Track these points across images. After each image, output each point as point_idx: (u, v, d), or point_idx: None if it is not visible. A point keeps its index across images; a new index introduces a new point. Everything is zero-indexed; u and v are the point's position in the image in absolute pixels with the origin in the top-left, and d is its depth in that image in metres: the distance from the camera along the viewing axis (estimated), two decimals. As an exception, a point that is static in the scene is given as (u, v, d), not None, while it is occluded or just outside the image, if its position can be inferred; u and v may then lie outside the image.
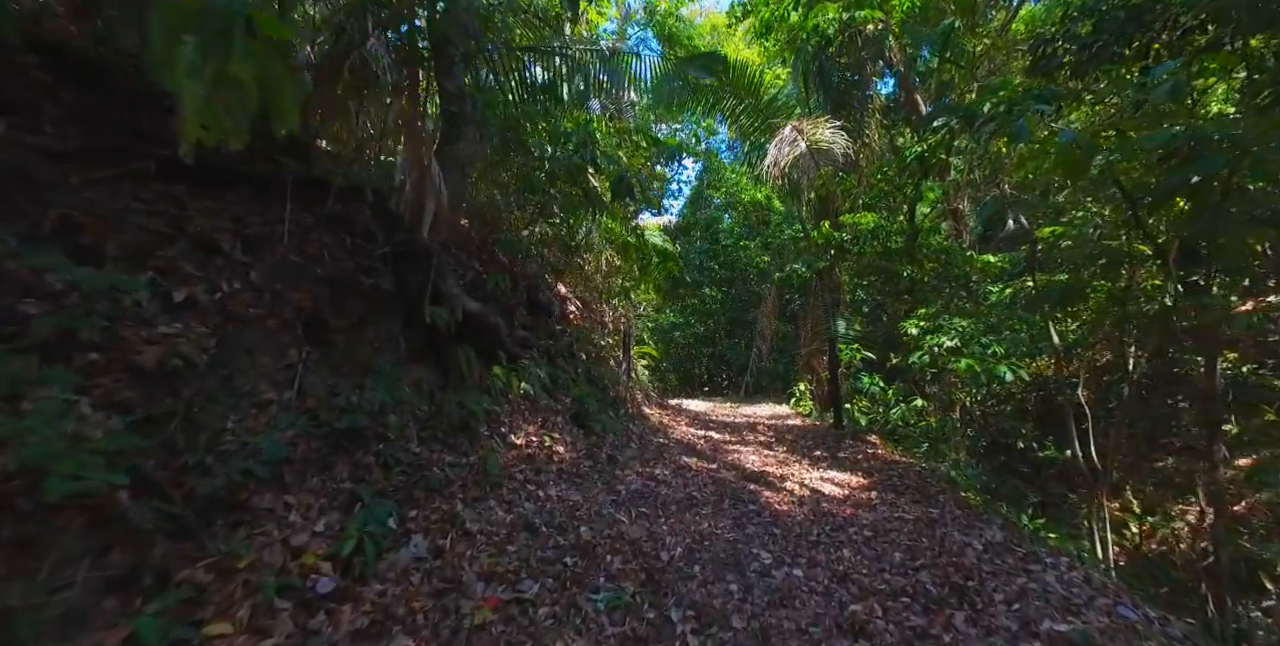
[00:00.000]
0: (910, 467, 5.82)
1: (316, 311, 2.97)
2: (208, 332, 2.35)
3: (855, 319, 13.34)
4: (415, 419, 3.45)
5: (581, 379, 6.44)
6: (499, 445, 4.11)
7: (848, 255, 8.47)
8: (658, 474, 4.81)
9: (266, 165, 3.08)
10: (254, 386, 2.46)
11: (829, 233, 8.45)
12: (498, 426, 4.31)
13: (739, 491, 4.58)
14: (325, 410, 2.72)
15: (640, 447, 5.74)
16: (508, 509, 3.37)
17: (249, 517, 2.09)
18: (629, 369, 8.25)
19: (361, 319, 3.42)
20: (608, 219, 7.97)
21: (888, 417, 9.60)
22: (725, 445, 6.69)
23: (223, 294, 2.53)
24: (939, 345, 7.76)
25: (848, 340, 10.71)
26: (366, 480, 2.71)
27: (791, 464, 5.89)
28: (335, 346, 3.12)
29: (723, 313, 18.06)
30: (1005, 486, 10.13)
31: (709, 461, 5.61)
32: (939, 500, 4.69)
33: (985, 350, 7.28)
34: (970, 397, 10.18)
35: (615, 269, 9.20)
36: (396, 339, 3.67)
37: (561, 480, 4.17)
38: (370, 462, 2.80)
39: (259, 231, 2.88)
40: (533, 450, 4.37)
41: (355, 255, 3.37)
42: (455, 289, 4.02)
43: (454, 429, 3.76)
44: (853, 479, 5.29)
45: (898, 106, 14.09)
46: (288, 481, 2.34)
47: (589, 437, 5.26)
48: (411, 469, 3.06)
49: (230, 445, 2.18)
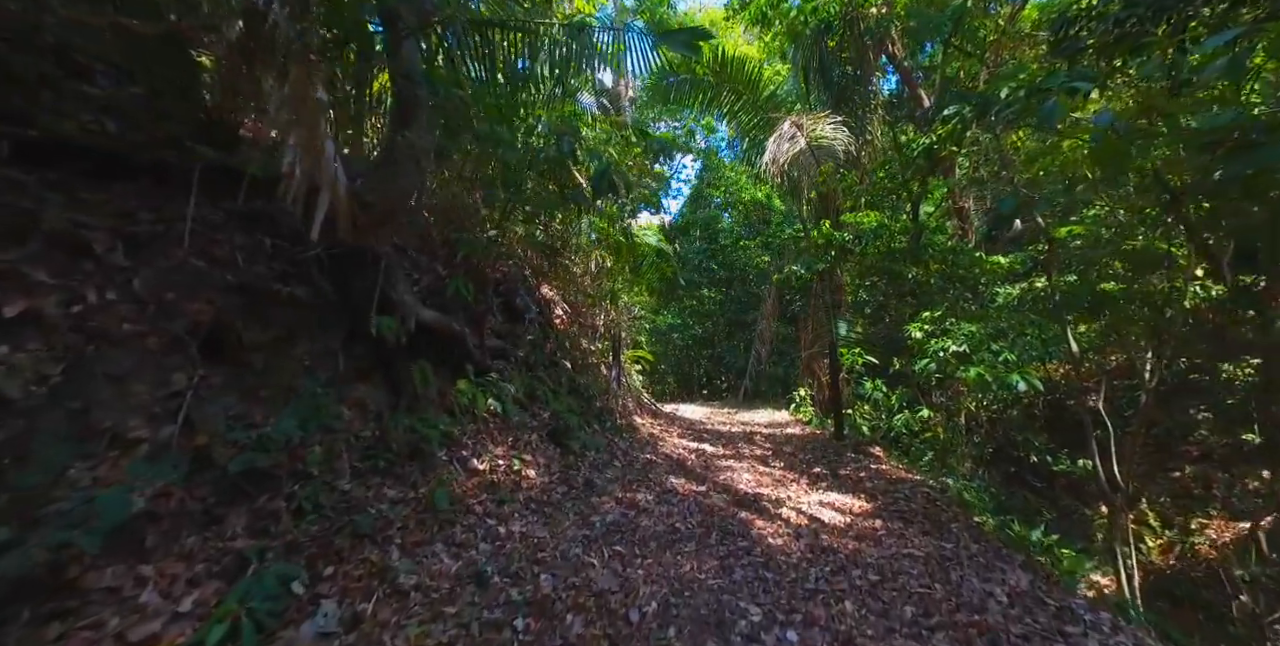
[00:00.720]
0: (918, 487, 5.32)
1: (222, 326, 2.48)
2: (51, 356, 1.86)
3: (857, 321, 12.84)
4: (352, 448, 2.96)
5: (564, 390, 5.95)
6: (458, 472, 3.63)
7: (849, 256, 7.96)
8: (640, 500, 4.32)
9: (173, 152, 2.60)
10: (118, 422, 1.98)
11: (829, 232, 7.95)
12: (459, 450, 3.82)
13: (729, 521, 4.08)
14: (221, 447, 2.23)
15: (624, 466, 5.25)
16: (456, 553, 2.89)
17: (75, 604, 1.60)
18: (619, 376, 7.75)
19: (290, 333, 2.93)
20: (597, 218, 7.48)
21: (890, 425, 9.12)
22: (718, 461, 6.19)
23: (86, 306, 2.05)
24: (944, 349, 7.28)
25: (849, 343, 10.21)
26: (270, 533, 2.22)
27: (789, 483, 5.39)
28: (249, 367, 2.63)
29: (721, 314, 17.55)
30: (1015, 498, 9.64)
31: (698, 482, 5.12)
32: (951, 530, 4.19)
33: (996, 357, 6.80)
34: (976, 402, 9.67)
35: (606, 270, 8.71)
36: (335, 355, 3.19)
37: (528, 511, 3.68)
38: (278, 509, 2.31)
39: (149, 230, 2.39)
40: (498, 476, 3.88)
41: (278, 258, 2.88)
42: (408, 296, 3.53)
43: (403, 457, 3.28)
44: (855, 503, 4.79)
45: (900, 102, 13.60)
46: (149, 546, 1.85)
47: (566, 457, 4.77)
48: (337, 512, 2.57)
49: (64, 504, 1.70)
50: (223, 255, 2.59)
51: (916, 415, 7.52)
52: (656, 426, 7.93)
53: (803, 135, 9.97)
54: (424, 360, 3.72)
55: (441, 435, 3.65)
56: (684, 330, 16.91)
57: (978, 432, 9.93)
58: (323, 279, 3.10)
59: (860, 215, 8.11)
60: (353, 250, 3.24)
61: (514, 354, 5.46)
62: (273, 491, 2.33)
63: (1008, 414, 10.65)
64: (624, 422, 7.01)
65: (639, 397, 9.14)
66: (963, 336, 7.16)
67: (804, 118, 10.07)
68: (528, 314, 5.39)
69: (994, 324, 7.43)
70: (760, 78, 12.50)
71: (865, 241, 7.84)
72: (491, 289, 4.85)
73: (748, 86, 12.71)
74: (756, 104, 12.46)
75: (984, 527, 4.63)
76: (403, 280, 3.53)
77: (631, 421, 7.44)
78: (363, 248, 3.25)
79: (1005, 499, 9.01)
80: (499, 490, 3.73)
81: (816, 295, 11.30)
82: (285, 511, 2.31)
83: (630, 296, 9.95)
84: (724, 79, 12.37)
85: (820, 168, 8.51)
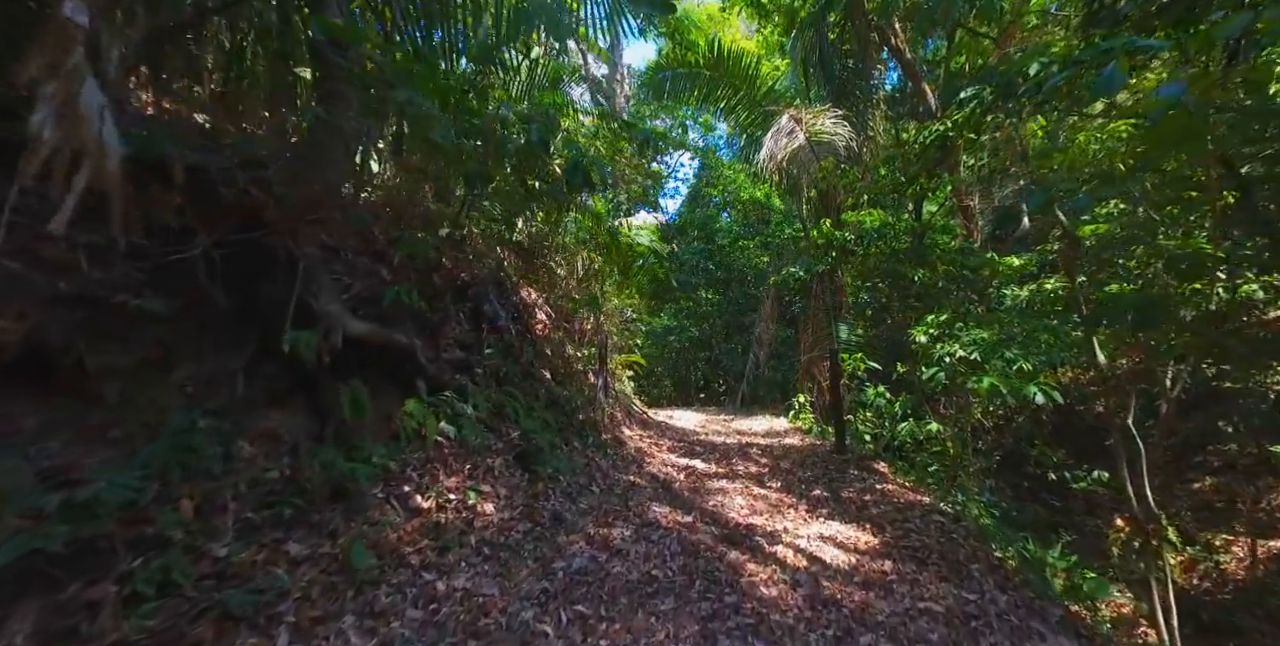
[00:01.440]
0: (930, 514, 4.72)
1: (46, 347, 1.89)
2: None
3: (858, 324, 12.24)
4: (244, 497, 2.36)
5: (540, 404, 5.35)
6: (395, 513, 3.03)
7: (851, 257, 7.35)
8: (615, 538, 3.72)
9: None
10: None
11: (830, 232, 7.34)
12: (399, 485, 3.22)
13: (715, 565, 3.48)
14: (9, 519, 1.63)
15: (602, 493, 4.65)
16: (372, 628, 2.29)
17: None
18: (605, 385, 7.15)
19: (167, 354, 2.33)
20: (582, 216, 6.88)
21: (894, 433, 8.53)
22: (709, 481, 5.59)
23: None
24: (951, 354, 6.69)
25: (850, 347, 9.60)
26: (79, 635, 1.62)
27: (786, 510, 4.79)
28: (99, 400, 2.04)
29: (719, 316, 16.94)
30: (1026, 512, 9.02)
31: (684, 510, 4.51)
32: (973, 574, 3.59)
33: (1010, 366, 6.19)
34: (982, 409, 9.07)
35: (592, 272, 8.11)
36: (234, 378, 2.59)
37: (478, 558, 3.09)
38: (101, 598, 1.71)
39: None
40: (447, 514, 3.28)
41: (140, 258, 2.27)
42: (334, 305, 2.93)
43: (320, 500, 2.68)
44: (861, 537, 4.18)
45: (903, 98, 12.98)
46: None
47: (535, 484, 4.17)
48: (202, 590, 1.97)
49: None
50: (55, 255, 1.99)
51: (924, 426, 6.90)
52: (646, 439, 7.33)
53: (801, 130, 9.34)
54: (357, 380, 3.12)
55: (376, 468, 3.06)
56: (680, 333, 16.29)
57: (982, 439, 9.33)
58: (214, 286, 2.49)
59: (862, 214, 7.50)
60: (260, 251, 2.64)
61: (484, 365, 4.87)
62: (96, 575, 1.73)
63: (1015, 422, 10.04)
64: (609, 437, 6.41)
65: (629, 407, 8.54)
66: (973, 343, 6.56)
67: (803, 111, 9.45)
68: (496, 321, 4.80)
69: (1006, 328, 6.83)
70: (758, 73, 11.91)
71: (867, 241, 7.23)
72: (451, 294, 4.26)
73: (745, 81, 12.10)
74: (754, 99, 11.85)
75: (1007, 566, 4.03)
76: (329, 287, 2.94)
77: (618, 435, 6.84)
78: (270, 247, 2.65)
79: (1016, 513, 8.41)
80: (445, 533, 3.13)
81: (816, 297, 10.69)
82: (112, 600, 1.71)
83: (621, 299, 9.35)
84: (721, 73, 11.79)
85: (820, 163, 7.90)
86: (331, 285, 2.95)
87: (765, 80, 11.80)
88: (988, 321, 7.06)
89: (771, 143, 9.62)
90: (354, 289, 3.21)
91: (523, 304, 6.37)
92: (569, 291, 7.66)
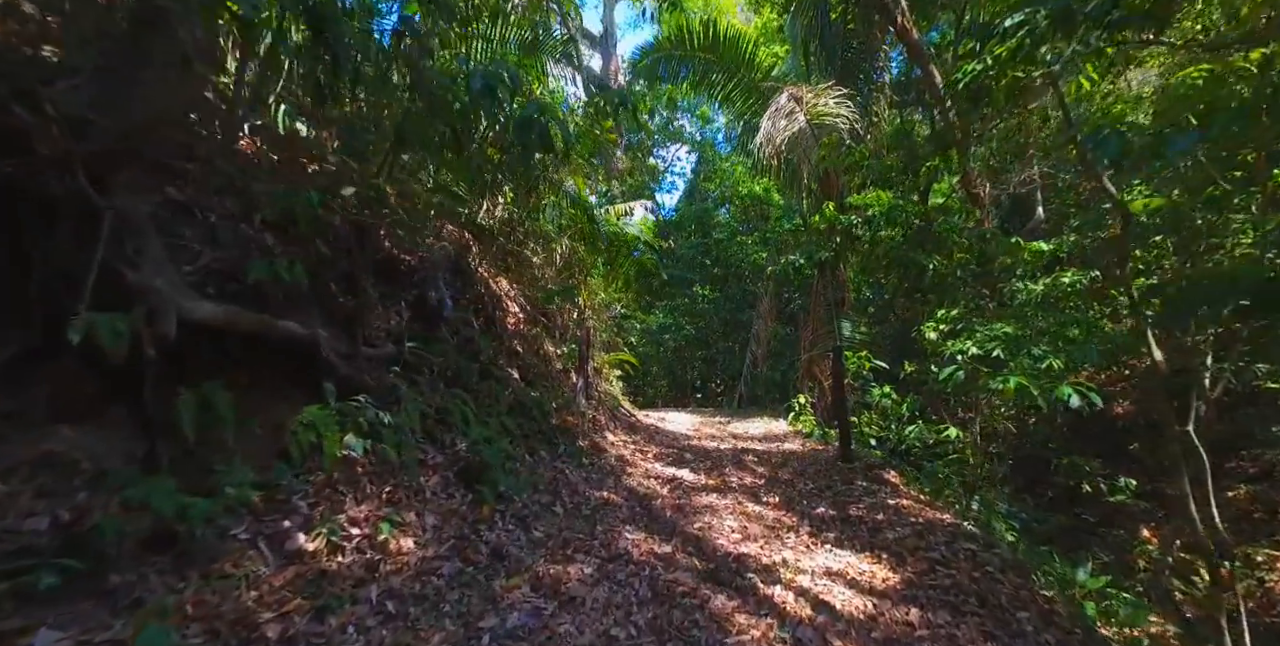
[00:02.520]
0: (956, 539, 3.88)
1: None
2: None
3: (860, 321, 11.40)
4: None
5: (500, 409, 4.53)
6: (260, 562, 2.20)
7: (858, 243, 6.51)
8: (570, 579, 2.89)
9: None
10: None
11: (834, 215, 6.50)
12: (277, 520, 2.39)
13: (694, 618, 2.64)
14: None
15: (567, 514, 3.82)
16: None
17: None
18: (585, 387, 6.33)
19: None
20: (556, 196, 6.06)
21: (901, 436, 7.70)
22: (697, 495, 4.76)
23: None
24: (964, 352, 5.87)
25: (853, 345, 8.76)
26: None
27: (785, 533, 3.96)
28: None
29: (716, 313, 16.09)
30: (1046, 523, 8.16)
31: (663, 536, 3.68)
32: (1024, 627, 2.76)
33: (1038, 363, 5.37)
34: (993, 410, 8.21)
35: (574, 262, 7.29)
36: (-9, 380, 1.76)
37: (375, 621, 2.26)
38: None
39: None
40: (342, 558, 2.46)
41: None
42: (161, 279, 2.10)
43: (128, 554, 1.86)
44: (878, 571, 3.35)
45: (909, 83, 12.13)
46: None
47: (479, 508, 3.34)
48: None
49: None
50: None
51: (941, 434, 6.05)
52: (630, 445, 6.49)
53: (802, 111, 8.48)
54: (216, 383, 2.29)
55: (235, 501, 2.23)
56: (676, 330, 15.45)
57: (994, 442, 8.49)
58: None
59: (868, 196, 6.66)
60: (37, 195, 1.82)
61: (429, 364, 4.05)
62: None
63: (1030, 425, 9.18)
64: (586, 444, 5.58)
65: (614, 409, 7.71)
66: (995, 338, 5.72)
67: (804, 90, 8.61)
68: (443, 311, 3.97)
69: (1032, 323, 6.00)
70: (755, 55, 11.08)
71: (876, 225, 6.40)
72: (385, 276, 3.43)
73: (742, 65, 11.26)
74: (752, 85, 11.01)
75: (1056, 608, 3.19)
76: (157, 253, 2.11)
77: (598, 441, 6.01)
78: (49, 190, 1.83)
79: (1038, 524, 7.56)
80: (333, 585, 2.30)
81: (818, 292, 9.83)
82: None
83: (608, 293, 8.52)
84: (717, 56, 10.94)
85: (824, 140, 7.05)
86: (162, 252, 2.12)
87: (763, 64, 10.97)
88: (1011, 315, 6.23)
89: (769, 124, 8.76)
90: (203, 259, 2.36)
91: (489, 294, 5.55)
92: (547, 282, 6.84)
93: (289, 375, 2.92)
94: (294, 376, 2.95)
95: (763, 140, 8.67)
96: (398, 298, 4.07)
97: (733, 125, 15.61)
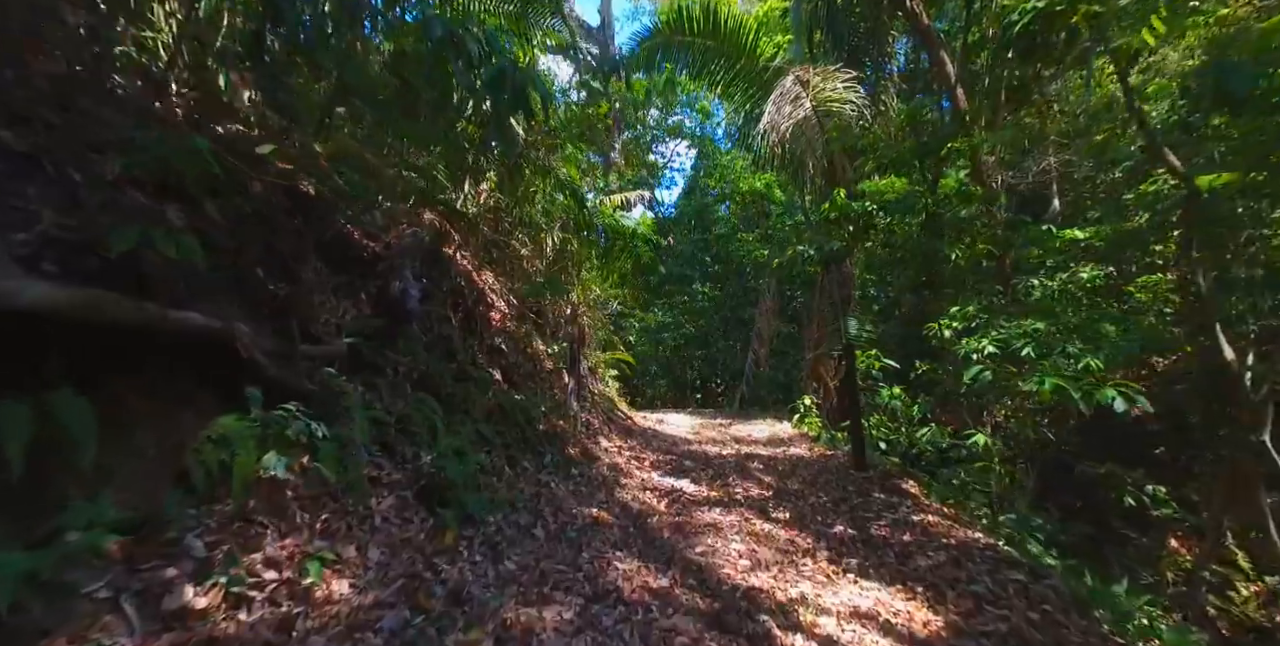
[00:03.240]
0: (998, 566, 3.31)
1: None
2: None
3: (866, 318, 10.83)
4: None
5: (475, 415, 3.96)
6: (122, 628, 1.63)
7: (871, 232, 5.93)
8: (544, 627, 2.31)
9: None
10: None
11: (844, 203, 5.92)
12: (158, 569, 1.82)
13: (699, 689, 2.07)
14: None
15: (547, 540, 3.24)
16: None
17: None
18: (577, 389, 5.75)
19: None
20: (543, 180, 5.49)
21: (913, 440, 7.15)
22: (699, 511, 4.19)
23: None
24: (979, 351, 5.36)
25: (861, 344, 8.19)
26: None
27: (800, 559, 3.39)
28: None
29: (716, 311, 15.51)
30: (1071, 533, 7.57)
31: (660, 565, 3.11)
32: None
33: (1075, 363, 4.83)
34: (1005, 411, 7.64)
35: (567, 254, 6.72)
36: None
37: (273, 706, 1.68)
38: None
39: None
40: (250, 615, 1.88)
41: None
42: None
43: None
44: (915, 611, 2.78)
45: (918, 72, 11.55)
46: None
47: (439, 536, 2.77)
48: None
49: None
50: None
51: (969, 441, 5.49)
52: (626, 452, 5.92)
53: (808, 96, 7.92)
54: (67, 391, 1.72)
55: (80, 550, 1.66)
56: (675, 329, 14.86)
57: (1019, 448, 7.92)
58: None
59: (882, 182, 6.07)
60: None
61: (394, 365, 3.49)
62: None
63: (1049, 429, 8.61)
64: (577, 452, 5.01)
65: (609, 412, 7.14)
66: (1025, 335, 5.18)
67: (810, 73, 8.03)
68: (406, 303, 3.40)
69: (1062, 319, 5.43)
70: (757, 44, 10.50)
71: (891, 214, 5.82)
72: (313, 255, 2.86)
73: (743, 54, 10.65)
74: (753, 75, 10.43)
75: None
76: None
77: (591, 448, 5.44)
78: None
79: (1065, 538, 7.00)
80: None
81: (822, 289, 9.26)
82: None
83: (603, 288, 7.95)
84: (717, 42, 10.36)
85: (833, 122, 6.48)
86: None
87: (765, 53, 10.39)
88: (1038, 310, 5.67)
89: (773, 110, 8.16)
90: (42, 224, 1.77)
91: (470, 287, 4.98)
92: (536, 275, 6.27)
93: (202, 380, 2.35)
94: (211, 381, 2.37)
95: (766, 128, 8.09)
96: (356, 288, 3.50)
97: (733, 120, 15.02)
